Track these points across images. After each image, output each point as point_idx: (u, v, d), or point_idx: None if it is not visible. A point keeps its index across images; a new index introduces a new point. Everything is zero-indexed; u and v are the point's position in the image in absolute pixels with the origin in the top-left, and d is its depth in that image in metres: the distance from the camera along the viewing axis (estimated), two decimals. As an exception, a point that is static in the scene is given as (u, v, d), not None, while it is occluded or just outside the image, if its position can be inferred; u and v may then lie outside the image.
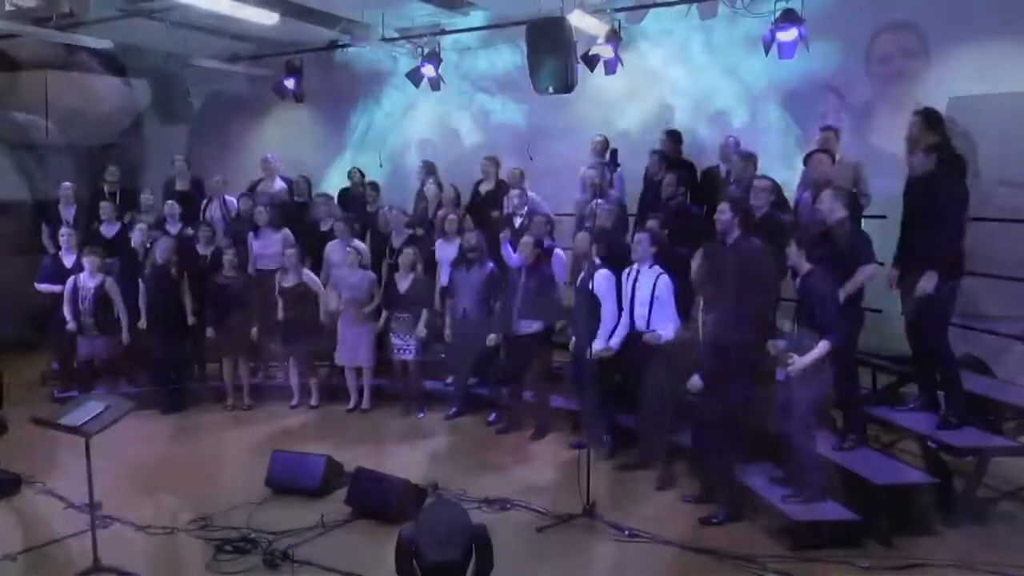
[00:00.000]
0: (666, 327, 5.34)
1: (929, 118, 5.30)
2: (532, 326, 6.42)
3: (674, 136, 7.57)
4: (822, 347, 4.55)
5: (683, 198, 6.62)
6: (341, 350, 7.33)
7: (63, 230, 7.66)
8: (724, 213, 5.27)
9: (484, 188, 8.06)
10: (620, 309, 5.81)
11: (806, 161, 5.75)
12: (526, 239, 6.50)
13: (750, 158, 6.47)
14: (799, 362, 4.58)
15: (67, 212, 8.28)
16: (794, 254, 4.73)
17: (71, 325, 7.10)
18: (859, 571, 4.30)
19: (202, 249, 7.65)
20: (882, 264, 5.22)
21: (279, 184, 8.49)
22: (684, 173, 6.79)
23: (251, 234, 7.74)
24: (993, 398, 5.23)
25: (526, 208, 7.25)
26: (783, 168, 7.63)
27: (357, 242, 7.51)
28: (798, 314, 4.81)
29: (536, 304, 6.39)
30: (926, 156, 4.84)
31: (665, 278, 5.34)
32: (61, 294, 7.20)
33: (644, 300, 5.42)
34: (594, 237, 5.97)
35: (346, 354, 7.31)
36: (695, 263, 4.98)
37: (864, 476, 4.75)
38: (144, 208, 8.30)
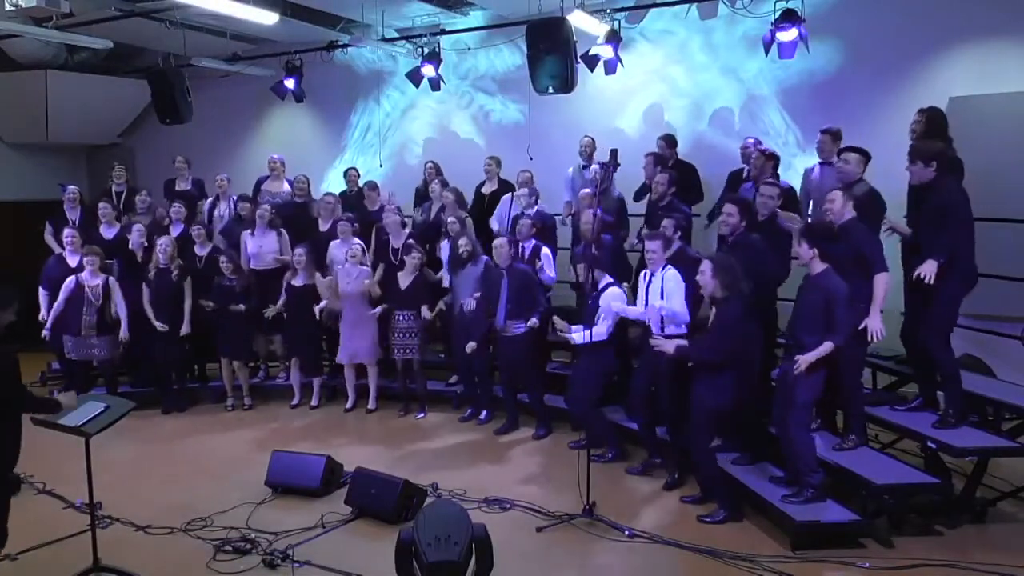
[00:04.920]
0: (674, 320, 5.25)
1: (932, 120, 5.29)
2: (520, 327, 6.43)
3: (670, 140, 7.53)
4: (826, 346, 4.54)
5: (673, 197, 6.59)
6: (341, 348, 7.31)
7: (66, 231, 7.64)
8: (732, 216, 5.30)
9: (487, 189, 8.05)
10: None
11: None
12: (500, 242, 6.48)
13: (771, 158, 6.46)
14: (803, 359, 4.57)
15: (73, 214, 8.25)
16: (805, 251, 4.68)
17: (47, 333, 7.11)
18: (859, 571, 4.30)
19: (199, 250, 7.63)
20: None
21: (286, 185, 8.43)
22: (675, 173, 6.77)
23: (247, 233, 7.69)
24: (993, 398, 5.23)
25: (535, 209, 7.25)
26: (782, 168, 7.66)
27: (356, 240, 7.49)
28: (796, 311, 4.79)
29: (519, 305, 6.39)
30: (925, 166, 4.88)
31: (672, 270, 5.28)
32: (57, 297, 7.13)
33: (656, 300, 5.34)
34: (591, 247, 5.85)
35: (346, 352, 7.29)
36: (707, 272, 4.81)
37: (864, 476, 4.76)
38: (140, 209, 8.29)
